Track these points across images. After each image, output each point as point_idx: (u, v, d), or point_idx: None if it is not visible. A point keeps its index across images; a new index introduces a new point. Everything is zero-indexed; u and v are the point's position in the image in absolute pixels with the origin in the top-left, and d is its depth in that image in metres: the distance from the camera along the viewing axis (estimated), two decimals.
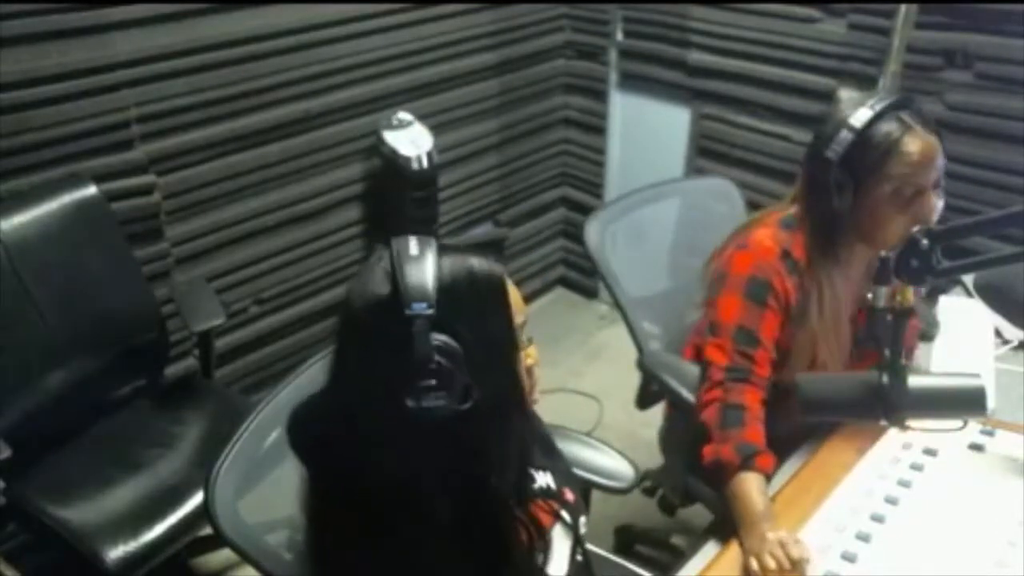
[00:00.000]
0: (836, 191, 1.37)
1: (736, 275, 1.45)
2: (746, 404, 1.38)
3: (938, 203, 1.37)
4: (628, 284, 1.81)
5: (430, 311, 0.82)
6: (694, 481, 1.76)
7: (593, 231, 1.82)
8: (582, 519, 1.13)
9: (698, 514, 1.93)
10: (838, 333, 1.46)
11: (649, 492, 2.01)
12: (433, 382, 0.82)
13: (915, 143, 1.33)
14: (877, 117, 1.34)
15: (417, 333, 0.81)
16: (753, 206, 2.76)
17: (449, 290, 0.84)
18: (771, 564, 1.15)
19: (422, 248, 0.86)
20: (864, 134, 1.34)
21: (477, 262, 0.89)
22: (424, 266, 0.84)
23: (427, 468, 0.86)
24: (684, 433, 1.70)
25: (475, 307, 0.87)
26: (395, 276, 0.84)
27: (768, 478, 1.32)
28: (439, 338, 0.82)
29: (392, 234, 0.88)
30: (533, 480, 1.08)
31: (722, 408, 1.38)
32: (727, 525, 1.29)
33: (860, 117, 1.34)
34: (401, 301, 0.82)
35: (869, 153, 1.34)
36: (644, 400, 1.93)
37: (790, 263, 1.44)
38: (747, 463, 1.30)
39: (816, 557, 1.19)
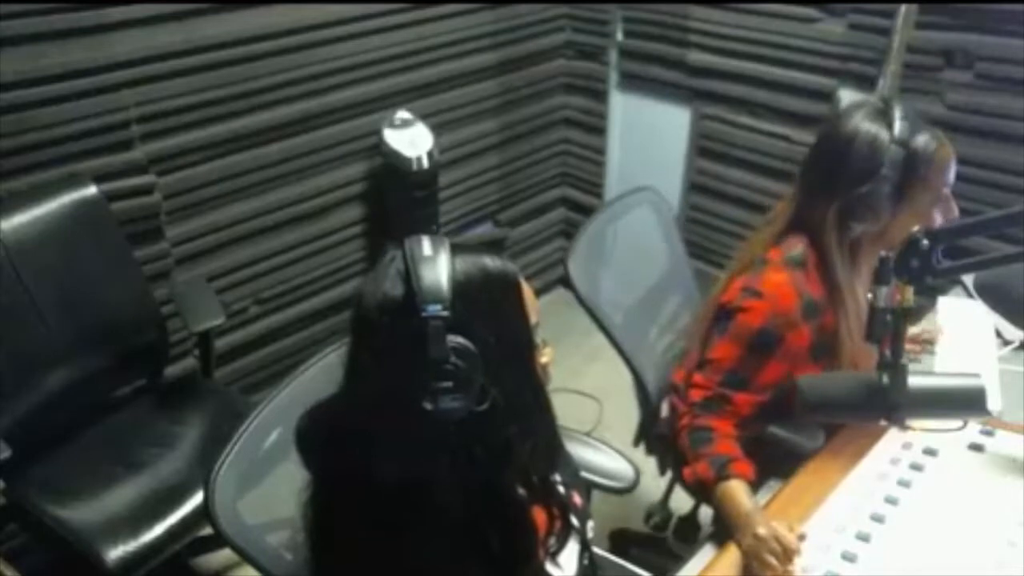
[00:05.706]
0: (889, 206, 1.36)
1: (744, 324, 1.42)
2: (712, 426, 1.41)
3: None
4: (615, 317, 1.74)
5: (445, 312, 0.81)
6: None
7: (576, 270, 1.68)
8: (589, 523, 1.13)
9: None
10: None
11: (659, 527, 1.97)
12: (449, 384, 0.81)
13: (944, 149, 1.36)
14: (915, 129, 1.35)
15: (432, 335, 0.80)
16: (753, 206, 2.78)
17: (464, 291, 0.83)
18: (771, 561, 1.16)
19: (435, 248, 0.85)
20: (912, 147, 1.34)
21: (491, 261, 0.88)
22: (438, 267, 0.83)
23: (442, 469, 0.85)
24: None
25: (490, 307, 0.86)
26: (409, 277, 0.82)
27: (750, 483, 1.33)
28: (455, 339, 0.81)
29: (400, 234, 0.87)
30: (558, 471, 1.06)
31: (689, 431, 1.42)
32: (723, 531, 1.30)
33: (904, 131, 1.33)
34: (415, 303, 0.81)
35: (917, 166, 1.34)
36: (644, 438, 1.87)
37: (810, 308, 1.42)
38: (722, 473, 1.32)
39: (816, 557, 1.19)
